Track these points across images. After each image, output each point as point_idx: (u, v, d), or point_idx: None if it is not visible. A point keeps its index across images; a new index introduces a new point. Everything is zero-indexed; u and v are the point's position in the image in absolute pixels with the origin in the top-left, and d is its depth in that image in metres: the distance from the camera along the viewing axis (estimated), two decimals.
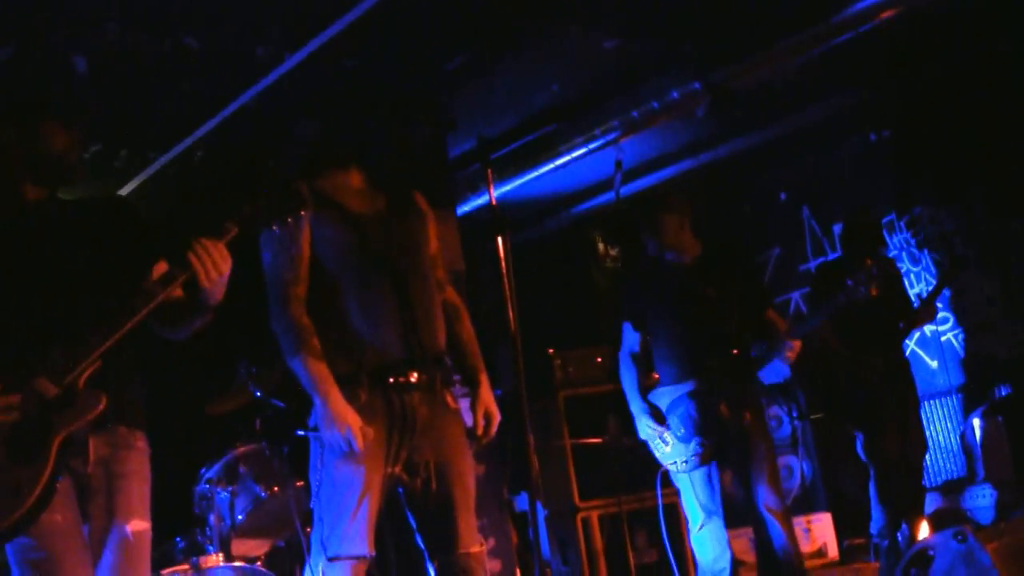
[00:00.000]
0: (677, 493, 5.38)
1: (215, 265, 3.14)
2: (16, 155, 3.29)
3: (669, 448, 5.20)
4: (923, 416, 6.58)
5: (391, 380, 3.73)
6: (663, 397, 5.26)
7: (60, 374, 3.05)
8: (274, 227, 3.36)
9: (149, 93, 5.84)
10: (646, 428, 5.29)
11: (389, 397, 3.72)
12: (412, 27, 5.51)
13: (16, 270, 3.23)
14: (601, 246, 9.05)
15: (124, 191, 7.01)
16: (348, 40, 5.43)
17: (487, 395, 3.98)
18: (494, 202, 3.95)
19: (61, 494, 3.09)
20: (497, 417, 3.96)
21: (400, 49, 5.74)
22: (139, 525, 3.27)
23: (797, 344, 5.09)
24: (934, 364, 7.64)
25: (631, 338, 5.46)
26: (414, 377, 3.76)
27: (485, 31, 5.65)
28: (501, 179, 7.26)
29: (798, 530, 5.77)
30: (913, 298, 6.90)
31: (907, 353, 6.64)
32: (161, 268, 3.28)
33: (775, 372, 5.43)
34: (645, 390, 5.35)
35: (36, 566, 3.10)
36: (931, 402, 7.55)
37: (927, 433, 6.52)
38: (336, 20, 5.29)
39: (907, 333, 6.29)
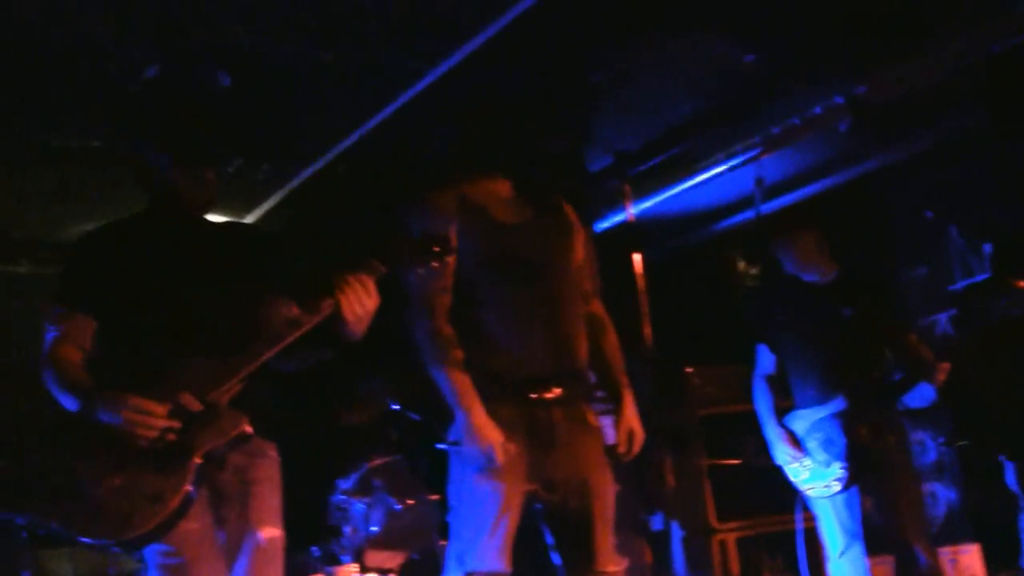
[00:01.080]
0: (816, 518, 5.25)
1: (360, 300, 3.17)
2: (171, 187, 3.41)
3: (808, 473, 5.09)
4: None
5: (533, 395, 3.70)
6: (800, 420, 5.15)
7: (204, 391, 3.13)
8: (420, 270, 3.40)
9: (291, 107, 5.92)
10: (783, 453, 5.19)
11: (531, 412, 3.69)
12: (552, 41, 5.49)
13: (165, 294, 3.34)
14: (741, 264, 8.92)
15: (266, 205, 7.13)
16: (489, 54, 5.43)
17: (631, 412, 3.92)
18: (632, 219, 3.91)
19: (198, 502, 3.16)
20: (640, 435, 3.90)
21: (540, 63, 5.73)
22: (272, 532, 3.33)
23: (945, 366, 4.94)
24: None
25: (766, 360, 5.37)
26: (556, 392, 3.72)
27: (625, 46, 5.60)
28: (640, 195, 7.19)
29: (944, 560, 5.60)
30: None
31: None
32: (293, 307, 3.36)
33: (920, 396, 5.26)
34: (781, 414, 5.25)
35: (173, 571, 3.17)
36: None
37: None
38: (477, 34, 5.30)
39: None
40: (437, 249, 3.36)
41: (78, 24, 4.73)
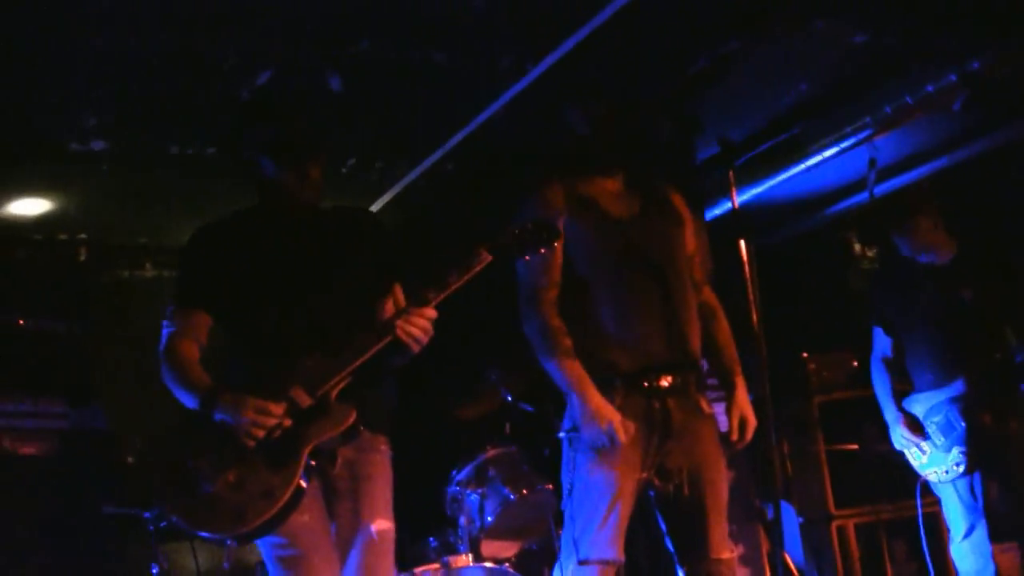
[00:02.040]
0: (938, 502, 5.18)
1: (416, 338, 3.26)
2: (279, 185, 3.47)
3: (927, 457, 5.02)
4: None
5: (646, 384, 3.72)
6: (918, 404, 5.08)
7: (315, 386, 3.22)
8: (527, 257, 3.45)
9: (400, 107, 6.00)
10: (901, 437, 5.12)
11: (645, 401, 3.71)
12: (656, 30, 5.48)
13: (276, 286, 3.42)
14: (857, 247, 8.80)
15: (378, 204, 7.24)
16: (590, 47, 5.43)
17: (743, 399, 3.92)
18: (736, 206, 3.91)
19: (310, 495, 3.25)
20: (753, 422, 3.90)
21: (644, 53, 5.72)
22: (383, 525, 3.40)
23: None
24: None
25: (883, 343, 5.30)
26: (669, 381, 3.73)
27: (730, 31, 5.57)
28: (751, 181, 7.13)
29: None
30: None
31: None
32: (399, 291, 3.43)
33: None
34: (899, 397, 5.18)
35: (287, 563, 3.27)
36: None
37: None
38: (578, 29, 5.31)
39: None
40: (544, 235, 3.41)
41: (192, 32, 4.86)
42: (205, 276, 3.47)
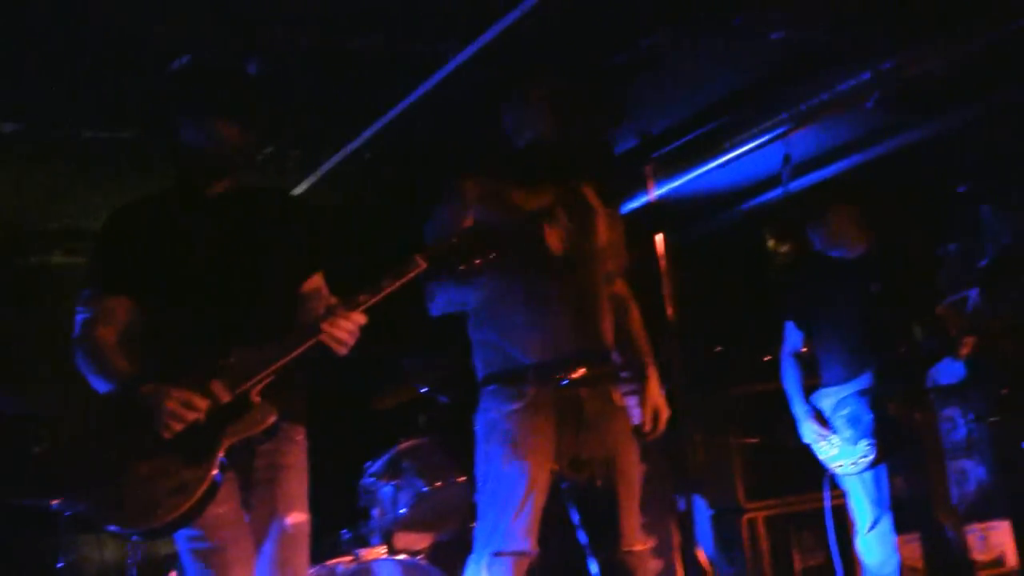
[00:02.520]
0: (844, 495, 5.26)
1: (341, 341, 3.24)
2: (197, 153, 3.38)
3: (836, 450, 5.09)
4: None
5: (558, 376, 3.73)
6: (826, 398, 5.16)
7: (236, 382, 3.16)
8: (461, 267, 3.44)
9: (318, 95, 5.94)
10: (810, 431, 5.19)
11: (557, 393, 3.72)
12: (576, 23, 5.49)
13: (197, 270, 3.36)
14: (771, 242, 8.89)
15: (295, 192, 7.17)
16: (514, 35, 5.42)
17: (655, 390, 3.95)
18: (653, 200, 3.93)
19: (225, 487, 3.20)
20: (665, 413, 3.93)
21: (566, 45, 5.72)
22: (298, 517, 3.37)
23: (970, 340, 4.93)
24: None
25: (794, 337, 5.38)
26: (581, 373, 3.75)
27: (650, 24, 5.58)
28: (668, 175, 7.17)
29: (973, 538, 5.60)
30: None
31: None
32: (315, 281, 3.43)
33: (950, 372, 5.26)
34: (808, 391, 5.25)
35: (202, 555, 3.22)
36: None
37: None
38: (503, 16, 5.29)
39: None
40: (481, 246, 3.41)
41: (109, 13, 4.76)
42: (123, 260, 3.38)
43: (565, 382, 3.72)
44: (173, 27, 4.96)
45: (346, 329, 3.22)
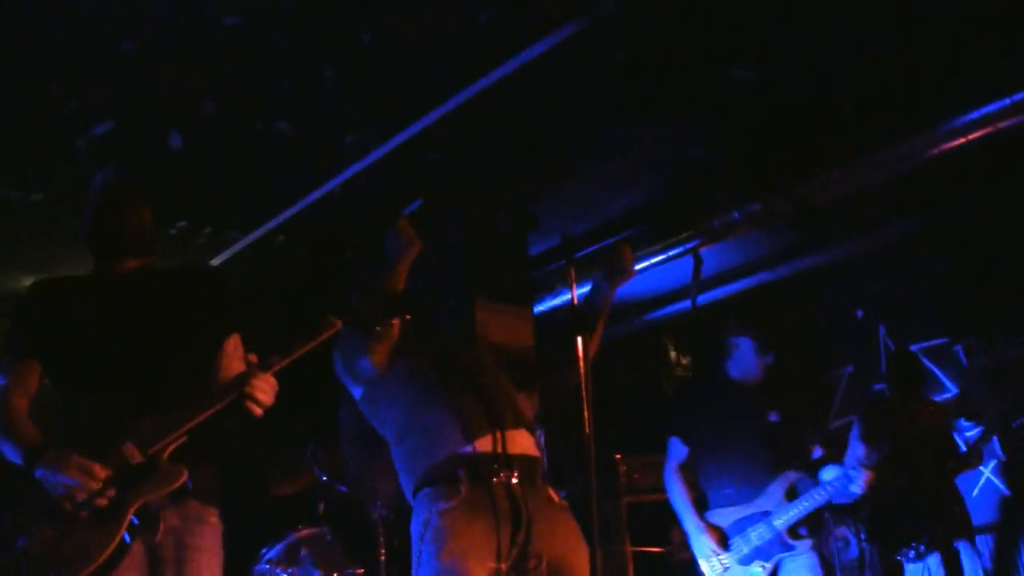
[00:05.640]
0: None
1: (259, 401, 3.20)
2: (111, 233, 3.41)
3: (727, 570, 5.09)
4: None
5: (488, 476, 3.66)
6: (720, 517, 5.18)
7: (148, 443, 3.12)
8: (378, 328, 3.42)
9: (237, 174, 5.92)
10: (705, 546, 5.16)
11: (490, 490, 3.64)
12: (499, 127, 5.56)
13: (112, 337, 3.32)
14: (673, 354, 8.99)
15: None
16: (434, 134, 5.48)
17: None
18: (576, 300, 3.92)
19: (132, 558, 3.11)
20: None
21: (486, 148, 5.79)
22: None
23: (871, 475, 5.04)
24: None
25: (679, 452, 5.41)
26: (508, 474, 3.69)
27: (570, 134, 5.68)
28: (577, 281, 7.22)
29: None
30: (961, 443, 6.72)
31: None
32: (232, 343, 3.42)
33: (844, 493, 5.33)
34: (696, 505, 5.29)
35: None
36: None
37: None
38: (424, 115, 5.35)
39: (956, 474, 6.19)
40: (395, 308, 3.42)
41: (32, 73, 4.71)
42: (39, 328, 3.38)
43: (497, 479, 3.66)
44: (96, 90, 4.92)
45: (261, 389, 3.20)
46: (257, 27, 4.54)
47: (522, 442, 3.75)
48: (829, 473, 5.14)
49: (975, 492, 7.36)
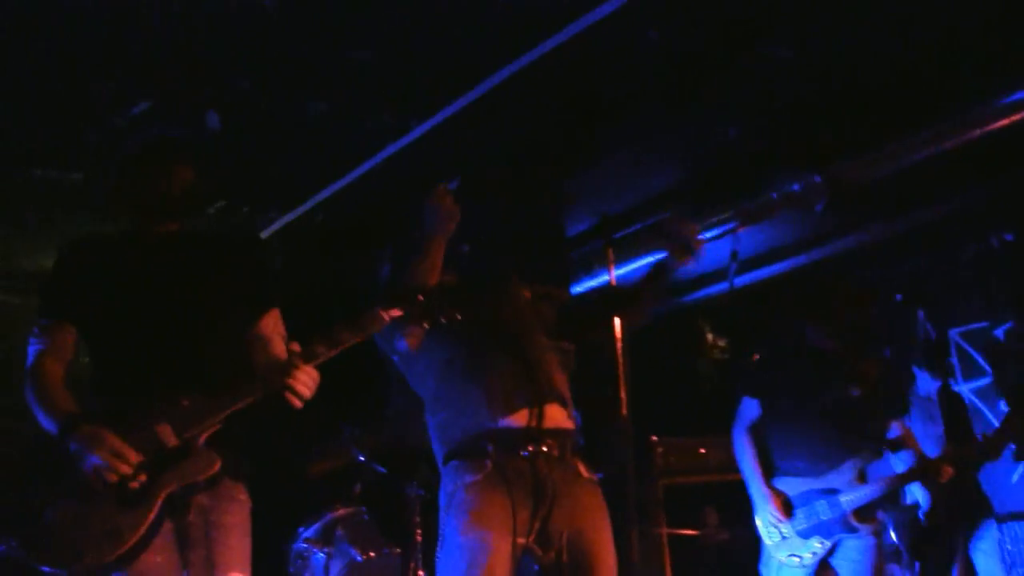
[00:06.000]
0: None
1: (299, 394, 3.18)
2: (149, 192, 3.36)
3: (786, 540, 5.03)
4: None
5: (519, 449, 3.67)
6: (788, 487, 5.10)
7: (184, 426, 3.10)
8: (425, 325, 3.41)
9: (275, 153, 5.93)
10: (769, 514, 5.09)
11: (517, 465, 3.65)
12: (538, 105, 5.54)
13: (149, 299, 3.30)
14: (709, 336, 8.95)
15: None
16: (472, 113, 5.46)
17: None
18: (613, 282, 3.91)
19: (162, 536, 3.11)
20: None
21: (524, 127, 5.77)
22: None
23: (948, 470, 5.02)
24: None
25: (751, 412, 5.29)
26: (538, 447, 3.68)
27: (610, 111, 5.65)
28: (624, 259, 7.19)
29: None
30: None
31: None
32: (272, 319, 3.39)
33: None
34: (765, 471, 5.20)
35: None
36: None
37: None
38: (463, 94, 5.33)
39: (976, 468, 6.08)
40: (442, 306, 3.39)
41: (72, 54, 4.73)
42: (74, 289, 3.33)
43: (526, 453, 3.67)
44: (134, 71, 4.94)
45: (304, 383, 3.19)
46: (295, 5, 4.54)
47: (556, 415, 3.75)
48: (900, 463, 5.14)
49: (1015, 478, 7.30)
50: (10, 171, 5.95)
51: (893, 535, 5.83)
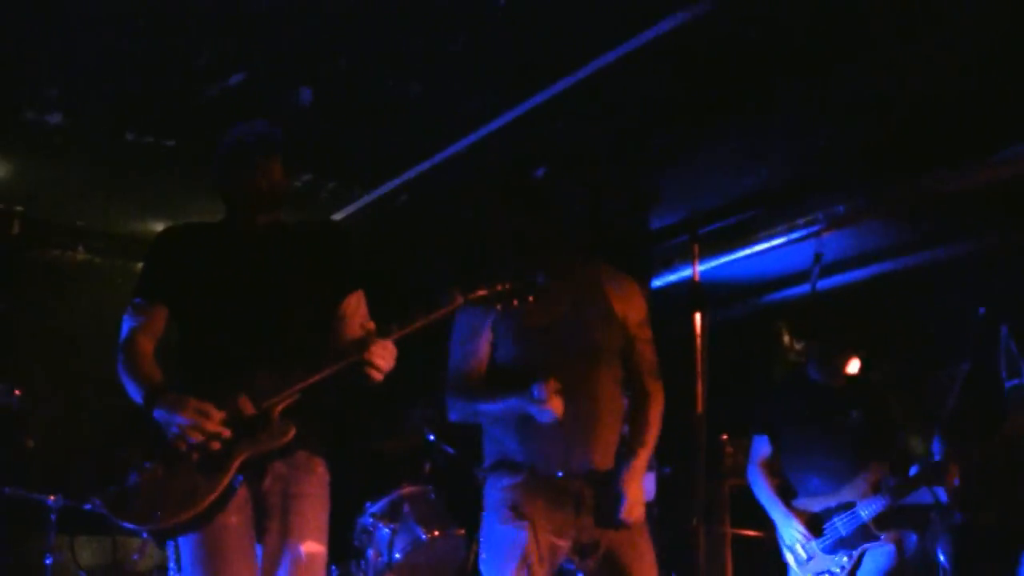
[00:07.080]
0: None
1: (379, 368, 3.24)
2: (250, 188, 3.49)
3: (811, 560, 5.08)
4: None
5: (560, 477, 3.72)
6: (809, 505, 5.17)
7: (261, 398, 3.20)
8: (499, 307, 3.44)
9: (364, 131, 5.97)
10: (795, 532, 5.15)
11: (555, 483, 3.70)
12: (627, 100, 5.52)
13: (238, 288, 3.43)
14: (787, 338, 8.86)
15: None
16: (562, 103, 5.46)
17: (630, 476, 3.82)
18: (697, 277, 3.89)
19: (238, 501, 3.24)
20: (626, 500, 3.77)
21: (612, 119, 5.75)
22: (313, 547, 3.33)
23: (954, 468, 5.00)
24: None
25: (763, 450, 5.40)
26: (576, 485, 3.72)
27: (702, 108, 5.62)
28: (709, 255, 7.15)
29: None
30: None
31: None
32: (355, 300, 3.47)
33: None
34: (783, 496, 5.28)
35: (202, 562, 3.18)
36: None
37: None
38: (555, 82, 5.33)
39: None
40: (522, 290, 3.43)
41: (170, 25, 4.79)
42: (169, 274, 3.49)
43: (560, 474, 3.70)
44: (230, 43, 5.00)
45: (381, 355, 3.23)
46: None
47: (603, 454, 3.75)
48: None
49: None
50: (107, 138, 6.06)
51: (941, 556, 5.76)
